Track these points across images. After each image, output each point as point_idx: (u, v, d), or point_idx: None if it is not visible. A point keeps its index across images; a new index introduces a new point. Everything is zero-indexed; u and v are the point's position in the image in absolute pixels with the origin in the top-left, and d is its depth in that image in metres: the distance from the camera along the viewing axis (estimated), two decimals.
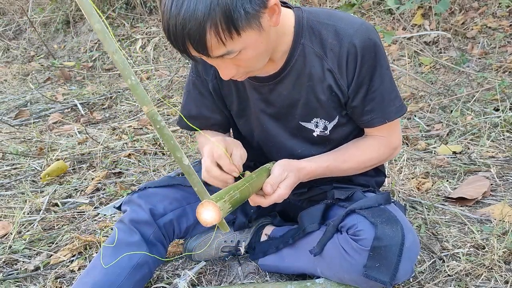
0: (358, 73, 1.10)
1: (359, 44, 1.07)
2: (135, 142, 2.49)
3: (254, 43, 0.96)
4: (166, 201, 1.25)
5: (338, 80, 1.12)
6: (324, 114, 1.18)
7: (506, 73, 2.71)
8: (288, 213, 1.41)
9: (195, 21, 0.86)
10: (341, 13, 1.13)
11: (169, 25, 0.89)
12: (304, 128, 1.21)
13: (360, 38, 1.07)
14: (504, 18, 3.18)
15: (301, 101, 1.16)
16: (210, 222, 0.83)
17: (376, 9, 3.58)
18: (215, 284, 1.33)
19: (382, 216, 1.10)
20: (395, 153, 1.27)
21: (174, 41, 0.91)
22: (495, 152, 1.95)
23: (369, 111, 1.15)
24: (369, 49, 1.08)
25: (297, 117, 1.20)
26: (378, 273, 1.05)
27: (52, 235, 1.64)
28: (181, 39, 0.89)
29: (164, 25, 0.90)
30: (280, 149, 1.25)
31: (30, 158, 2.35)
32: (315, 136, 1.22)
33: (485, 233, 1.42)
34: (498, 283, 1.22)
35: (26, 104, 3.43)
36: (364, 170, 1.26)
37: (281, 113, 1.20)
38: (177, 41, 0.90)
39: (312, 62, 1.12)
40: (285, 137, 1.24)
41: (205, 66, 1.21)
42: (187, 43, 0.90)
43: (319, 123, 1.20)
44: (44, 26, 5.15)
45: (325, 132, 1.21)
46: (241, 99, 1.23)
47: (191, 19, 0.86)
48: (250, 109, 1.24)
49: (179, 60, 4.06)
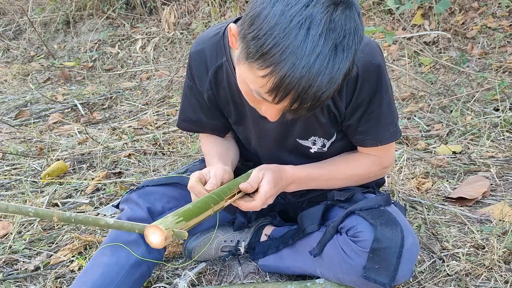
0: (357, 95, 1.09)
1: (361, 67, 1.04)
2: (135, 142, 2.50)
3: None
4: (164, 199, 1.25)
5: (337, 102, 1.11)
6: (322, 133, 1.18)
7: (506, 73, 2.71)
8: (288, 214, 1.41)
9: (330, 86, 0.81)
10: None
11: (301, 83, 0.79)
12: (300, 145, 1.21)
13: (363, 61, 1.04)
14: (504, 18, 3.18)
15: (299, 120, 1.16)
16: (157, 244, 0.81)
17: (376, 9, 3.58)
18: (215, 284, 1.33)
19: (381, 217, 1.10)
20: (386, 172, 1.27)
21: (296, 96, 0.82)
22: (495, 152, 1.95)
23: (362, 132, 1.15)
24: (370, 72, 1.06)
25: (295, 134, 1.20)
26: (378, 275, 1.05)
27: (52, 235, 1.64)
28: (306, 99, 0.82)
29: (292, 79, 0.79)
30: (276, 162, 1.25)
31: (30, 158, 2.35)
32: (312, 152, 1.22)
33: (485, 233, 1.42)
34: (498, 283, 1.22)
35: (26, 104, 3.43)
36: (349, 184, 1.25)
37: (278, 131, 1.20)
38: (297, 97, 0.82)
39: None
40: (282, 152, 1.25)
41: (200, 77, 1.21)
42: (307, 102, 0.83)
43: (317, 141, 1.20)
44: (44, 26, 5.15)
45: (323, 149, 1.21)
46: (238, 111, 1.22)
47: (328, 85, 0.81)
48: (248, 121, 1.23)
49: (179, 60, 4.06)
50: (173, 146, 2.43)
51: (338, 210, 1.22)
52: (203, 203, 0.94)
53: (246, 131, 1.27)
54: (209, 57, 1.16)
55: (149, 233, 0.81)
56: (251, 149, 1.32)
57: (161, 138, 2.50)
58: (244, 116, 1.23)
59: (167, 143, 2.47)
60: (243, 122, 1.25)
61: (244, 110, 1.20)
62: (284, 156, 1.25)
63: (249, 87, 0.90)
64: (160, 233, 0.80)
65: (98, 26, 4.76)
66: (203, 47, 1.18)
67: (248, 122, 1.23)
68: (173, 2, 4.57)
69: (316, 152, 1.21)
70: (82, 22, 4.98)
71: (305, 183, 1.20)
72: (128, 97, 3.42)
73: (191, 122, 1.31)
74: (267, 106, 0.93)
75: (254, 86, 0.88)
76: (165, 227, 0.81)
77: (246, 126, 1.25)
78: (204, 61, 1.18)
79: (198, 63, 1.20)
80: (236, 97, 1.19)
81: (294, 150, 1.23)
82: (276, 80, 0.81)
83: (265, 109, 0.95)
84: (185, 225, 0.86)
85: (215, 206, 0.97)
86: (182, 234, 0.83)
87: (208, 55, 1.17)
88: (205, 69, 1.19)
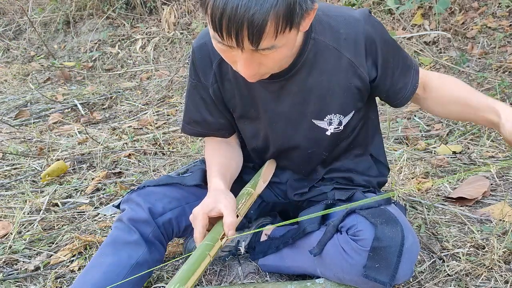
0: (382, 58, 1.12)
1: (372, 29, 1.09)
2: (135, 142, 2.50)
3: (290, 42, 0.95)
4: (165, 200, 1.25)
5: (357, 68, 1.12)
6: (338, 109, 1.17)
7: (506, 73, 2.71)
8: (288, 213, 1.41)
9: (261, 7, 0.83)
10: (340, 6, 1.14)
11: (227, 5, 0.83)
12: (317, 127, 1.20)
13: (370, 24, 1.09)
14: (504, 18, 3.18)
15: (313, 97, 1.15)
16: None
17: (376, 9, 3.58)
18: (215, 284, 1.33)
19: (382, 216, 1.10)
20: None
21: (228, 22, 0.85)
22: (495, 152, 1.95)
23: (402, 88, 1.19)
24: (380, 32, 1.11)
25: (309, 115, 1.18)
26: (378, 273, 1.05)
27: (52, 235, 1.64)
28: (239, 22, 0.84)
29: (219, 4, 0.84)
30: (289, 149, 1.25)
31: (30, 158, 2.35)
32: (329, 135, 1.21)
33: (485, 233, 1.42)
34: (498, 283, 1.22)
35: (26, 104, 3.43)
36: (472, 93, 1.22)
37: (292, 112, 1.18)
38: (231, 23, 0.85)
39: (324, 55, 1.11)
40: (296, 137, 1.23)
41: (205, 71, 1.20)
42: (244, 28, 0.85)
43: (333, 119, 1.18)
44: (44, 26, 5.15)
45: (339, 128, 1.20)
46: (245, 102, 1.21)
47: (257, 5, 0.83)
48: (256, 110, 1.22)
49: (179, 60, 4.06)
50: (173, 146, 2.43)
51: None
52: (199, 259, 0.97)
53: (253, 123, 1.25)
54: (212, 50, 1.16)
55: None
56: (258, 144, 1.30)
57: (161, 138, 2.50)
58: (251, 107, 1.22)
59: (167, 143, 2.47)
60: (249, 114, 1.24)
61: (253, 99, 1.19)
62: (298, 142, 1.23)
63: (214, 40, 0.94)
64: None
65: (98, 26, 4.76)
66: (205, 41, 1.18)
67: (256, 111, 1.22)
68: (173, 2, 4.57)
69: (332, 133, 1.20)
70: (82, 22, 4.98)
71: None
72: (128, 97, 3.42)
73: (196, 123, 1.29)
74: (235, 57, 0.96)
75: (210, 32, 0.93)
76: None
77: (254, 118, 1.24)
78: (207, 54, 1.18)
79: (201, 56, 1.19)
80: (242, 87, 1.18)
81: (309, 133, 1.21)
82: (210, 11, 0.86)
83: (238, 64, 0.97)
84: None
85: (211, 252, 0.99)
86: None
87: (210, 48, 1.16)
88: (209, 62, 1.19)
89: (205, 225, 1.06)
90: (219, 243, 1.02)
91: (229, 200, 1.10)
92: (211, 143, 1.33)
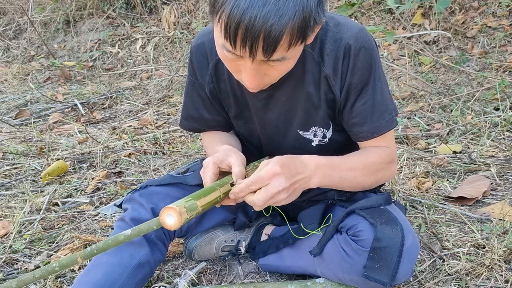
0: (350, 79, 1.08)
1: (354, 49, 1.05)
2: (135, 141, 2.50)
3: (297, 54, 0.97)
4: (168, 200, 1.24)
5: (332, 86, 1.10)
6: (321, 122, 1.17)
7: (506, 72, 2.71)
8: (288, 213, 1.41)
9: (279, 19, 0.82)
10: (341, 18, 1.12)
11: (245, 15, 0.82)
12: (302, 138, 1.21)
13: (356, 43, 1.05)
14: (504, 17, 3.18)
15: (299, 108, 1.16)
16: (175, 223, 0.85)
17: (376, 9, 3.58)
18: (215, 284, 1.33)
19: (382, 216, 1.10)
20: (394, 168, 1.21)
21: (244, 32, 0.84)
22: (495, 151, 1.95)
23: (357, 124, 1.12)
24: (363, 56, 1.06)
25: (295, 125, 1.19)
26: (378, 273, 1.05)
27: (52, 234, 1.64)
28: (256, 33, 0.83)
29: (236, 14, 0.83)
30: (280, 154, 1.25)
31: (31, 158, 2.35)
32: (314, 146, 1.21)
33: (485, 232, 1.42)
34: (498, 282, 1.22)
35: (26, 103, 3.44)
36: (368, 178, 1.15)
37: (280, 120, 1.20)
38: (247, 34, 0.84)
39: (310, 68, 1.11)
40: (284, 145, 1.24)
41: (202, 70, 1.22)
42: (260, 39, 0.84)
43: (318, 132, 1.19)
44: (44, 25, 5.15)
45: (324, 141, 1.21)
46: (239, 103, 1.23)
47: (275, 17, 0.82)
48: (249, 112, 1.23)
49: (179, 60, 4.06)
50: (173, 145, 2.43)
51: (338, 210, 1.22)
52: (209, 188, 0.98)
53: (247, 123, 1.27)
54: (209, 50, 1.18)
55: (164, 218, 0.85)
56: (254, 142, 1.32)
57: (161, 137, 2.50)
58: (244, 108, 1.23)
59: (167, 143, 2.47)
60: (243, 115, 1.25)
61: (245, 101, 1.21)
62: (286, 150, 1.23)
63: (222, 49, 0.93)
64: (173, 212, 0.84)
65: (98, 25, 4.76)
66: (203, 41, 1.20)
67: (249, 113, 1.24)
68: (173, 2, 4.57)
69: (317, 145, 1.21)
70: (82, 22, 4.98)
71: (329, 172, 1.06)
72: (128, 96, 3.43)
73: (194, 119, 1.31)
74: (241, 67, 0.95)
75: (218, 41, 0.91)
76: (176, 205, 0.85)
77: (248, 118, 1.26)
78: (204, 54, 1.20)
79: (198, 56, 1.21)
80: (236, 88, 1.19)
81: (296, 143, 1.22)
82: (225, 20, 0.84)
83: (243, 74, 0.96)
84: (195, 204, 0.90)
85: (221, 188, 0.99)
86: (195, 206, 0.88)
87: (208, 48, 1.19)
88: (206, 62, 1.21)
89: (215, 174, 1.05)
90: (228, 186, 1.02)
91: (239, 155, 1.10)
92: (208, 134, 1.35)
